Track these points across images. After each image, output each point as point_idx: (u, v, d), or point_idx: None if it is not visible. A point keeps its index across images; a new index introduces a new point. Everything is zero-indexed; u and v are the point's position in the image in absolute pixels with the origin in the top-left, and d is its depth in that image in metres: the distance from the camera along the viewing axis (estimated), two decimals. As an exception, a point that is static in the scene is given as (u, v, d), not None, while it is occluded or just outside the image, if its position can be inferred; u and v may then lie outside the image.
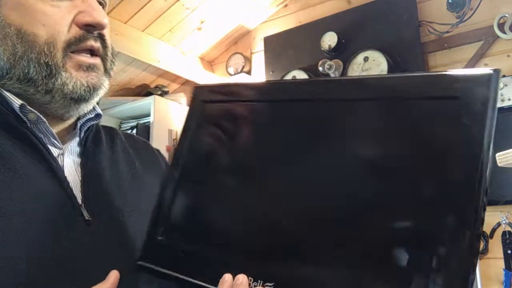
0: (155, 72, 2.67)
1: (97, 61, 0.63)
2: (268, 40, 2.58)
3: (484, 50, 1.99)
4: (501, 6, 1.98)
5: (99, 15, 0.61)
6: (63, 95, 0.60)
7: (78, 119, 0.67)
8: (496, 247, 1.84)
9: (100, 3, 0.65)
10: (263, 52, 2.59)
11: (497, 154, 1.08)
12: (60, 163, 0.62)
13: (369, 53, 2.11)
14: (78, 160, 0.65)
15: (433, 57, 2.12)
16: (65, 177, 0.60)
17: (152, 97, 2.50)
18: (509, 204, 1.83)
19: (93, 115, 0.68)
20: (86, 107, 0.64)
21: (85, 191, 0.62)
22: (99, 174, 0.65)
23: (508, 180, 1.79)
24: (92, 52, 0.63)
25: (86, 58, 0.62)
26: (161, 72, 2.64)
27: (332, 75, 2.25)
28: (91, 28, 0.61)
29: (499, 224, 1.85)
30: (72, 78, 0.60)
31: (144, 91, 2.71)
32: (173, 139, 2.53)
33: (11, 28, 0.58)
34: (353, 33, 2.25)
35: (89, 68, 0.62)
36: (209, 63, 2.88)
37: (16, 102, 0.59)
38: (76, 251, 0.56)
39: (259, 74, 2.62)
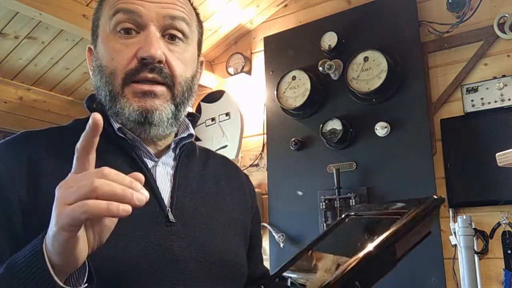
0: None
1: (156, 88, 0.71)
2: (268, 40, 2.57)
3: (484, 50, 1.99)
4: (501, 6, 1.98)
5: (154, 50, 0.69)
6: (125, 118, 0.71)
7: (175, 136, 0.80)
8: (496, 247, 1.84)
9: (173, 36, 0.73)
10: (263, 52, 2.59)
11: (497, 154, 1.08)
12: (153, 173, 0.74)
13: (369, 53, 2.11)
14: (171, 171, 0.77)
15: (433, 57, 2.12)
16: (157, 185, 0.72)
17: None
18: (509, 204, 1.83)
19: (185, 135, 0.80)
20: (156, 130, 0.72)
21: (172, 198, 0.73)
22: (186, 185, 0.77)
23: (508, 180, 1.79)
24: (154, 81, 0.71)
25: (142, 86, 0.70)
26: (161, 72, 2.64)
27: (332, 75, 2.25)
28: (147, 62, 0.69)
29: (499, 224, 1.85)
30: (127, 103, 0.70)
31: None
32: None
33: (97, 61, 0.73)
34: (353, 33, 2.25)
35: (145, 94, 0.70)
36: (209, 63, 2.88)
37: (116, 124, 0.72)
38: (159, 247, 0.66)
39: (259, 74, 2.62)
